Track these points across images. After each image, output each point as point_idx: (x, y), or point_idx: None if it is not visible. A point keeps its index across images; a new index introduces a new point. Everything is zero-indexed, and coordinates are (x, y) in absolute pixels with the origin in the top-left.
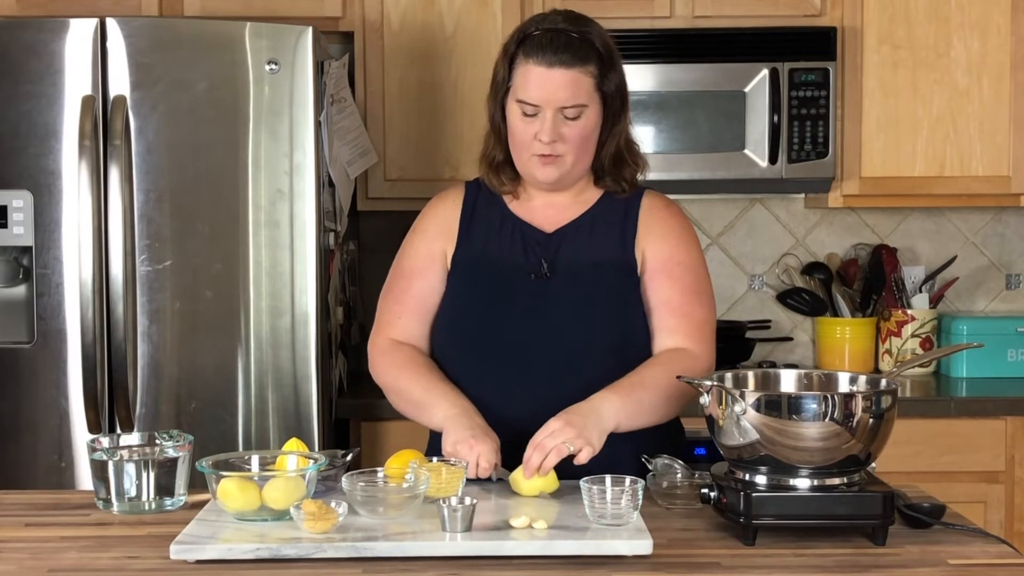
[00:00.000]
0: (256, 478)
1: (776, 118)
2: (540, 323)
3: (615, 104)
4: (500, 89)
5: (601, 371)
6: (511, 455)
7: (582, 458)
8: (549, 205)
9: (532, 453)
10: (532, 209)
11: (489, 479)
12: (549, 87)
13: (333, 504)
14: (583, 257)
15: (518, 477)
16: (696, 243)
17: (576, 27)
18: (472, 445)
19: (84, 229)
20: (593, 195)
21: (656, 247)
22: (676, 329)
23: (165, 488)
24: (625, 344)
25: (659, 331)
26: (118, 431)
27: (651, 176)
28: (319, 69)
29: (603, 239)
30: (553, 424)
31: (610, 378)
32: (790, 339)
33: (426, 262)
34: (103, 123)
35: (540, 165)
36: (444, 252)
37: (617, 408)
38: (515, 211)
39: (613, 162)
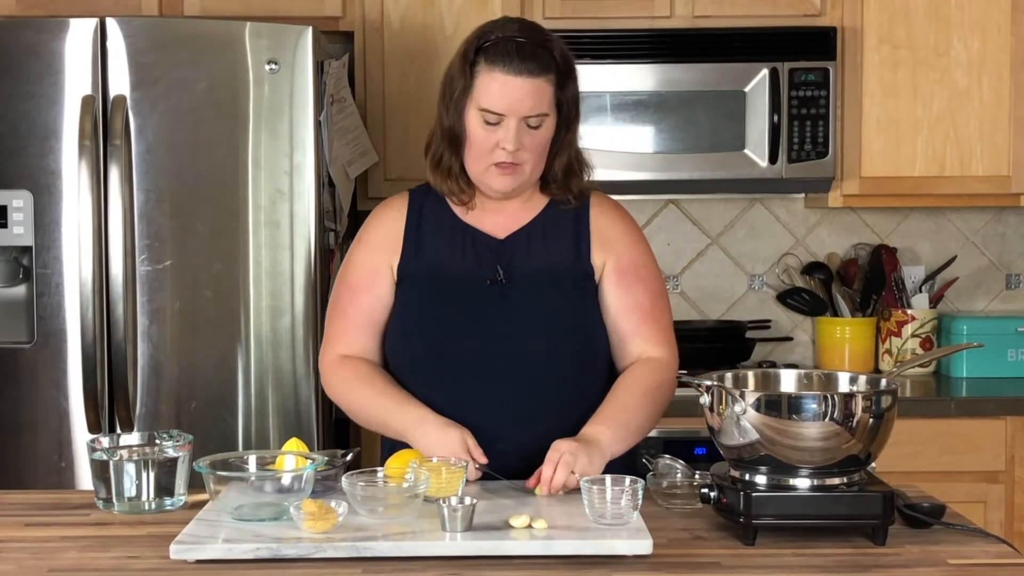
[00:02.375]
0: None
1: (776, 118)
2: (498, 329)
3: (569, 114)
4: (459, 96)
5: (561, 376)
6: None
7: (576, 477)
8: (498, 211)
9: (551, 472)
10: (481, 216)
11: (485, 477)
12: (515, 96)
13: (333, 504)
14: (538, 263)
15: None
16: (648, 245)
17: (537, 36)
18: (463, 442)
19: (84, 229)
20: (540, 201)
21: (618, 251)
22: (649, 336)
23: (165, 488)
24: (584, 348)
25: (632, 336)
26: (118, 431)
27: (652, 176)
28: (319, 69)
29: (556, 244)
30: (565, 446)
31: (570, 383)
32: (790, 339)
33: (371, 275)
34: (103, 123)
35: (498, 174)
36: (389, 264)
37: (610, 439)
38: (463, 218)
39: (564, 172)
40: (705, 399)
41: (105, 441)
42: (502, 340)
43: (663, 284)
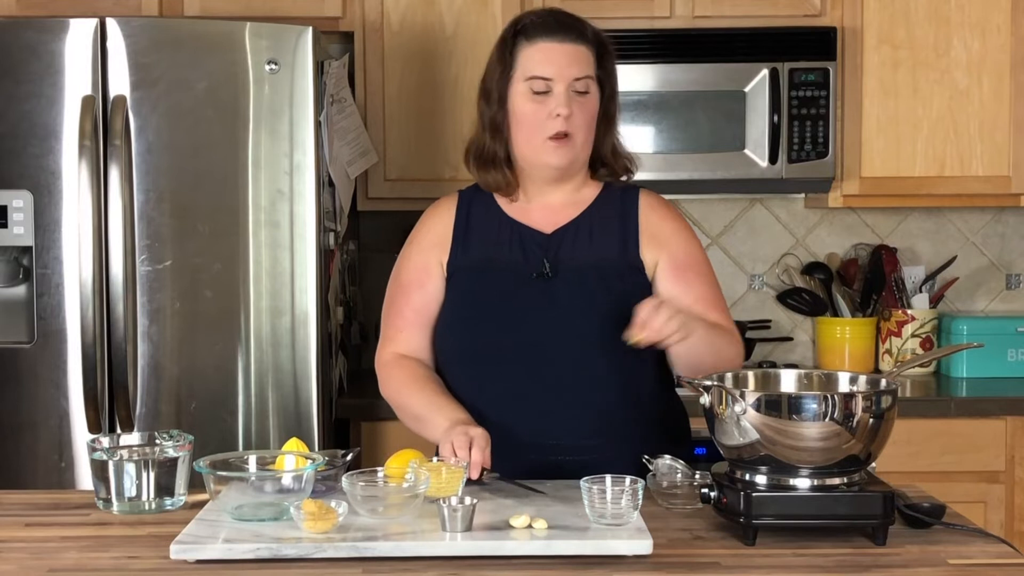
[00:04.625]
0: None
1: (776, 118)
2: (545, 322)
3: (610, 91)
4: (501, 80)
5: (606, 369)
6: (519, 457)
7: (675, 339)
8: (545, 207)
9: (644, 317)
10: (528, 211)
11: (480, 481)
12: (562, 60)
13: (333, 504)
14: (584, 257)
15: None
16: (698, 238)
17: (570, 15)
18: (466, 432)
19: (84, 229)
20: (589, 194)
21: (672, 248)
22: (719, 322)
23: (165, 488)
24: (628, 345)
25: None
26: (118, 431)
27: (651, 176)
28: (319, 69)
29: (603, 239)
30: (667, 309)
31: (616, 376)
32: (790, 339)
33: (422, 274)
34: (103, 123)
35: (554, 147)
36: (439, 262)
37: (697, 326)
38: (511, 214)
39: (612, 152)
40: (705, 399)
41: (105, 441)
42: (548, 333)
43: (715, 274)
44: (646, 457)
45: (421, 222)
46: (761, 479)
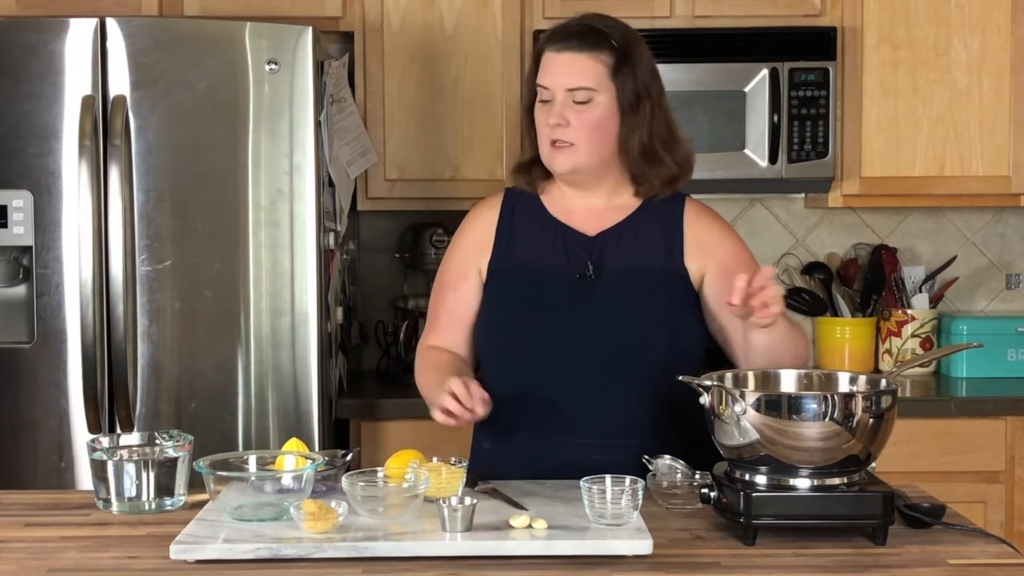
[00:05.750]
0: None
1: (776, 118)
2: (587, 324)
3: (630, 97)
4: (529, 85)
5: (649, 373)
6: (556, 455)
7: (775, 311)
8: (588, 209)
9: (758, 283)
10: (572, 214)
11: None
12: (559, 71)
13: (333, 504)
14: (628, 261)
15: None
16: (745, 243)
17: (595, 19)
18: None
19: (84, 229)
20: (632, 202)
21: (719, 255)
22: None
23: (165, 488)
24: (672, 346)
25: None
26: (118, 431)
27: None
28: (319, 69)
29: (647, 245)
30: (774, 280)
31: (658, 381)
32: None
33: (459, 275)
34: (103, 123)
35: (553, 153)
36: (478, 266)
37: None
38: (556, 215)
39: (642, 157)
40: (705, 399)
41: (105, 441)
42: (590, 335)
43: None
44: (646, 457)
45: (466, 221)
46: (761, 479)
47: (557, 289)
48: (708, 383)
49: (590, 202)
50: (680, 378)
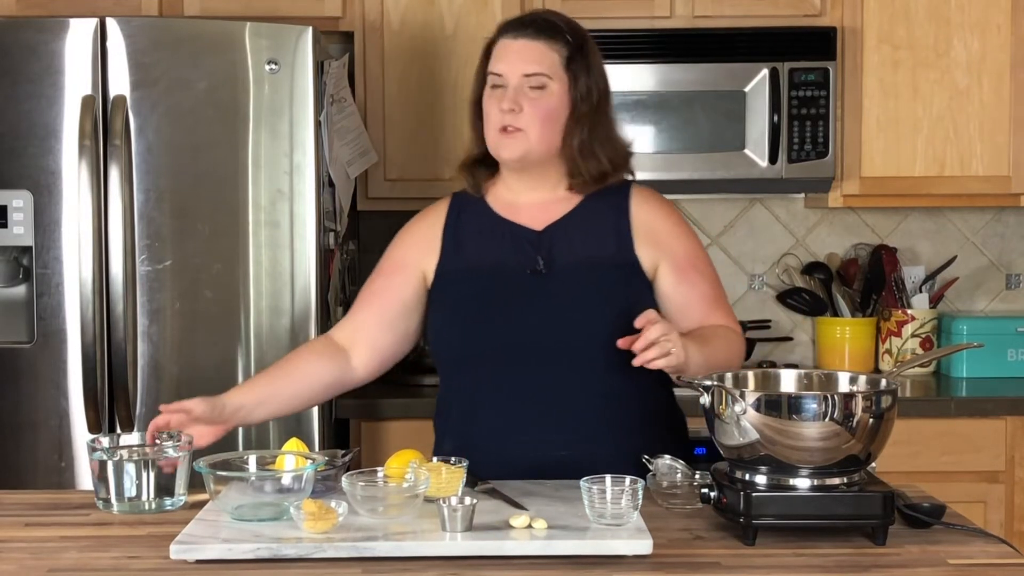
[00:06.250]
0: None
1: (776, 118)
2: (540, 318)
3: (582, 89)
4: (477, 79)
5: (604, 364)
6: (517, 454)
7: (663, 363)
8: (533, 204)
9: (648, 337)
10: (517, 210)
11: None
12: (513, 57)
13: (333, 504)
14: (578, 253)
15: None
16: (695, 232)
17: (551, 16)
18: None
19: (84, 229)
20: (576, 195)
21: (672, 248)
22: (720, 319)
23: (165, 488)
24: (627, 335)
25: (703, 323)
26: (118, 431)
27: (652, 176)
28: (319, 69)
29: (596, 235)
30: (664, 326)
31: (614, 370)
32: (790, 339)
33: (396, 265)
34: (103, 123)
35: (502, 139)
36: (422, 265)
37: (694, 351)
38: (501, 213)
39: (580, 151)
40: (705, 399)
41: (105, 441)
42: (545, 329)
43: (715, 269)
44: (646, 457)
45: (411, 222)
46: (761, 479)
47: (509, 286)
48: (708, 383)
49: (535, 196)
50: (681, 378)
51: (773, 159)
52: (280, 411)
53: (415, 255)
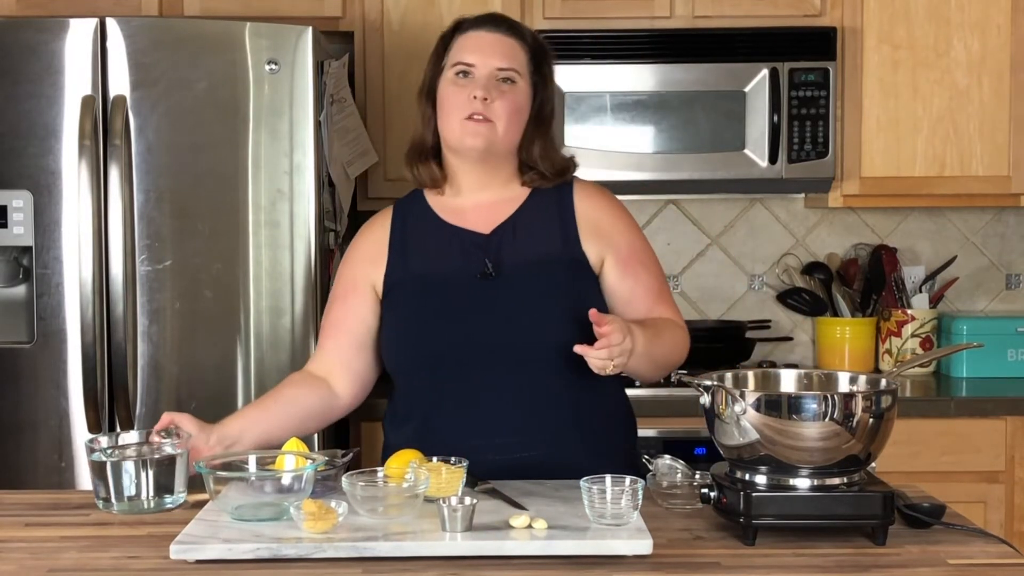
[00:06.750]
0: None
1: (776, 118)
2: (491, 322)
3: (545, 95)
4: (432, 75)
5: (559, 363)
6: (473, 460)
7: (607, 368)
8: (479, 206)
9: (604, 348)
10: (463, 214)
11: (479, 482)
12: (486, 48)
13: (333, 504)
14: (526, 254)
15: None
16: (637, 224)
17: (510, 19)
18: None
19: (84, 229)
20: (521, 193)
21: (616, 242)
22: (664, 312)
23: (164, 487)
24: (581, 333)
25: (647, 316)
26: (118, 430)
27: (652, 176)
28: (319, 69)
29: (543, 235)
30: (622, 333)
31: (569, 369)
32: (790, 339)
33: (350, 287)
34: (103, 123)
35: (471, 127)
36: (370, 278)
37: (642, 342)
38: (446, 219)
39: (540, 155)
40: (705, 399)
41: (104, 441)
42: (498, 333)
43: (658, 260)
44: (646, 457)
45: (357, 237)
46: (761, 479)
47: (459, 292)
48: (708, 383)
49: (481, 197)
50: (681, 378)
51: (773, 159)
52: (270, 437)
53: (363, 272)
